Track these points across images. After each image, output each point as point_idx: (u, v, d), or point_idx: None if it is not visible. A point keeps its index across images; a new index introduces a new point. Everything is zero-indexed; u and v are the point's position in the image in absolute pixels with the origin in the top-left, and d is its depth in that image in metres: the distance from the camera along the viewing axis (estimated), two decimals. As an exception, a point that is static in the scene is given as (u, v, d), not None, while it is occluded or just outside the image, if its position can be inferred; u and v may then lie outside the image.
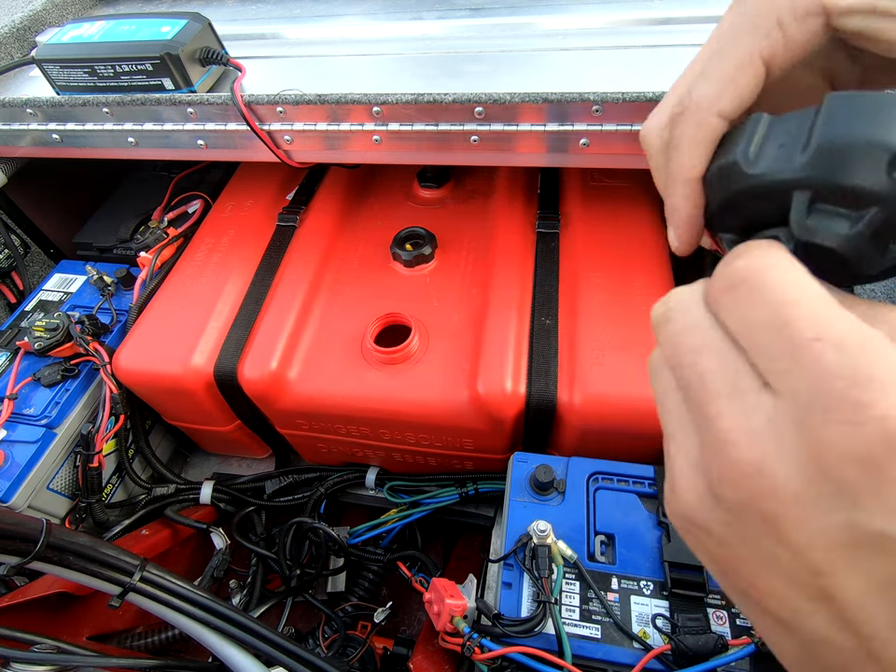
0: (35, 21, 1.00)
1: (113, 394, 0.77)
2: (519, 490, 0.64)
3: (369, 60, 0.83)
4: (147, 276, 0.86)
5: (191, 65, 0.74)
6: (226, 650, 0.51)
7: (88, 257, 0.97)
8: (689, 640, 0.51)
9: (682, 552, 0.57)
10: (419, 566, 0.81)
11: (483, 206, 0.89)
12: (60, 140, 0.80)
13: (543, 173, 0.92)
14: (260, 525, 0.86)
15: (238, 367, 0.73)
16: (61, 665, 0.49)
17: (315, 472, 0.89)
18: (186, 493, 0.86)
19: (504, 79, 0.74)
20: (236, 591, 0.84)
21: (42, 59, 0.76)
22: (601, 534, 0.60)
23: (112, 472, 0.84)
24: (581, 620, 0.54)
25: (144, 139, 0.77)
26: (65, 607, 0.65)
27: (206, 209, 0.97)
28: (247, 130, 0.72)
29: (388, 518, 0.82)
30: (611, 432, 0.67)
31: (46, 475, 0.73)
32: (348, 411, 0.72)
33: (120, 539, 0.78)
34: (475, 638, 0.54)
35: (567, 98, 0.62)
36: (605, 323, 0.70)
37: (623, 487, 0.63)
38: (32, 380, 0.77)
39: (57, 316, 0.78)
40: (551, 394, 0.67)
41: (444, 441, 0.74)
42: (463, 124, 0.67)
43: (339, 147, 0.73)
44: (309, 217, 0.90)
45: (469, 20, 0.86)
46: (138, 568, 0.49)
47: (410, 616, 0.94)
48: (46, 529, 0.45)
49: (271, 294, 0.80)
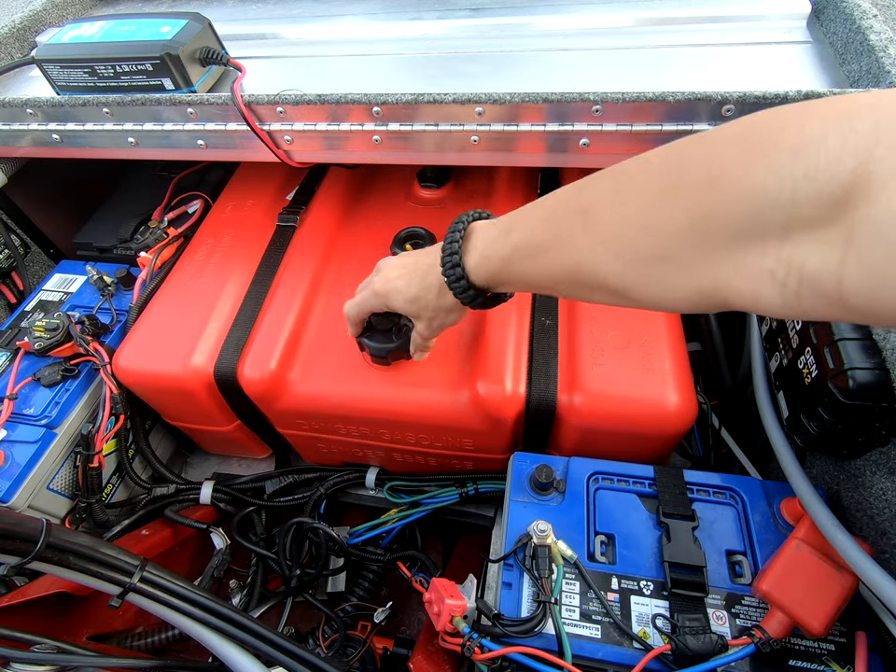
0: (35, 21, 1.00)
1: (113, 394, 0.77)
2: (519, 490, 0.64)
3: (369, 60, 0.83)
4: (146, 276, 0.86)
5: (191, 65, 0.74)
6: (226, 650, 0.51)
7: (88, 257, 0.97)
8: (689, 640, 0.51)
9: (682, 552, 0.57)
10: (419, 566, 0.81)
11: (483, 206, 0.88)
12: (60, 140, 0.80)
13: (543, 173, 0.92)
14: (260, 525, 0.86)
15: (238, 367, 0.73)
16: (61, 664, 0.49)
17: (315, 472, 0.89)
18: (186, 493, 0.86)
19: (504, 79, 0.74)
20: (236, 591, 0.84)
21: (42, 59, 0.76)
22: (601, 534, 0.60)
23: (112, 472, 0.84)
24: (581, 620, 0.54)
25: (144, 139, 0.77)
26: (65, 607, 0.65)
27: (206, 209, 0.97)
28: (247, 130, 0.72)
29: (388, 518, 0.82)
30: (611, 432, 0.67)
31: (46, 475, 0.73)
32: (348, 411, 0.72)
33: (120, 539, 0.78)
34: (475, 638, 0.54)
35: (567, 98, 0.62)
36: (605, 323, 0.70)
37: (623, 487, 0.63)
38: (32, 380, 0.77)
39: (57, 316, 0.78)
40: (551, 394, 0.67)
41: (444, 441, 0.74)
42: (463, 124, 0.67)
43: (339, 146, 0.73)
44: (309, 216, 0.90)
45: (469, 20, 0.86)
46: (138, 568, 0.49)
47: (410, 616, 0.94)
48: (46, 529, 0.45)
49: (271, 294, 0.80)
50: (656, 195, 0.34)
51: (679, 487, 0.62)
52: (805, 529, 0.54)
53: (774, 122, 0.29)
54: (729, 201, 0.29)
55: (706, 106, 0.60)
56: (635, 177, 0.36)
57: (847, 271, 0.25)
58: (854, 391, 0.51)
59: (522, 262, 0.45)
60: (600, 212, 0.37)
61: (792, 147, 0.27)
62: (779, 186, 0.27)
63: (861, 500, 0.58)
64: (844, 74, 0.67)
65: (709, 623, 0.53)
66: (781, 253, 0.28)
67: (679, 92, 0.60)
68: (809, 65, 0.69)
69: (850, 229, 0.25)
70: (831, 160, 0.25)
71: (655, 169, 0.35)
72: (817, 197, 0.26)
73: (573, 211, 0.40)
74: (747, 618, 0.54)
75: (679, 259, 0.33)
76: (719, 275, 0.31)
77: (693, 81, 0.69)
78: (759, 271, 0.29)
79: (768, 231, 0.28)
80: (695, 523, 0.59)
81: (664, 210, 0.33)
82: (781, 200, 0.27)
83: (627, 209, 0.35)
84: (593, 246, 0.38)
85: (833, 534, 0.51)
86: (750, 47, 0.73)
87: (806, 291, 0.28)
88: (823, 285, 0.27)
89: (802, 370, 0.59)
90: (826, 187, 0.25)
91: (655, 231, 0.34)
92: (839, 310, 0.27)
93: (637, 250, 0.35)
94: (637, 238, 0.35)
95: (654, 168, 0.35)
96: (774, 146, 0.28)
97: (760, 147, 0.28)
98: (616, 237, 0.36)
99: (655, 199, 0.34)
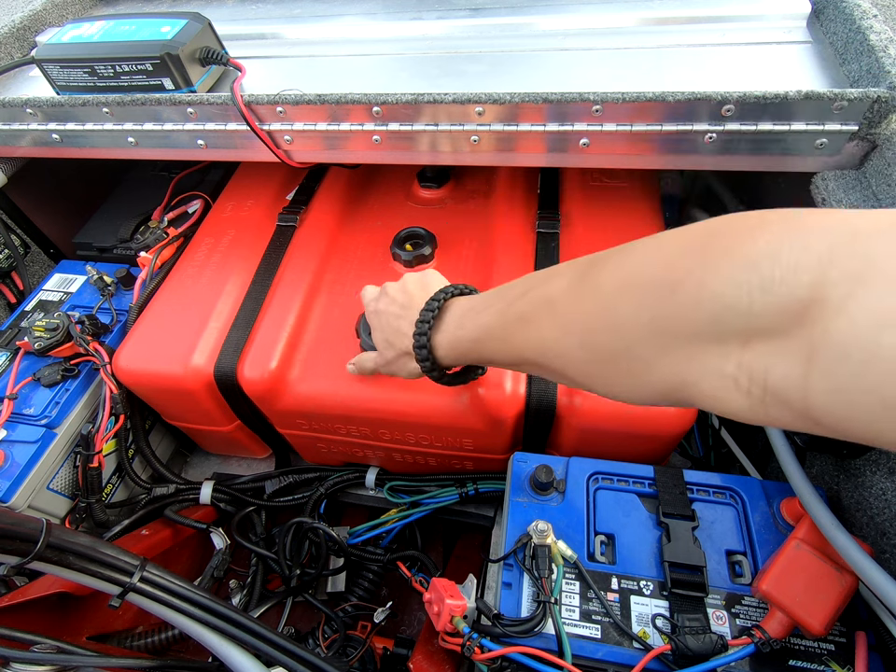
0: (35, 21, 1.00)
1: (113, 394, 0.77)
2: (519, 490, 0.64)
3: (369, 60, 0.83)
4: (147, 276, 0.86)
5: (191, 65, 0.74)
6: (226, 650, 0.51)
7: (88, 257, 0.97)
8: (689, 640, 0.51)
9: (682, 552, 0.57)
10: (419, 566, 0.81)
11: (482, 206, 0.89)
12: (60, 140, 0.80)
13: (543, 173, 0.92)
14: (260, 525, 0.86)
15: (238, 367, 0.73)
16: (61, 664, 0.49)
17: (315, 472, 0.89)
18: (186, 493, 0.86)
19: (504, 79, 0.74)
20: (236, 591, 0.84)
21: (42, 59, 0.76)
22: (601, 534, 0.60)
23: (112, 472, 0.84)
24: (581, 620, 0.54)
25: (144, 139, 0.77)
26: (65, 607, 0.65)
27: (206, 209, 0.97)
28: (247, 130, 0.72)
29: (388, 518, 0.82)
30: (611, 432, 0.67)
31: (46, 475, 0.73)
32: (348, 411, 0.72)
33: (120, 539, 0.78)
34: (475, 638, 0.54)
35: (567, 98, 0.62)
36: (605, 323, 0.70)
37: (623, 487, 0.63)
38: (32, 380, 0.77)
39: (57, 316, 0.78)
40: (551, 394, 0.67)
41: (444, 442, 0.74)
42: (463, 124, 0.67)
43: (339, 146, 0.73)
44: (309, 217, 0.90)
45: (468, 20, 0.86)
46: (138, 568, 0.49)
47: (410, 616, 0.94)
48: (46, 529, 0.45)
49: (271, 294, 0.80)
50: (616, 292, 0.34)
51: (679, 487, 0.62)
52: (805, 529, 0.54)
53: (730, 231, 0.29)
54: (689, 305, 0.29)
55: (706, 106, 0.60)
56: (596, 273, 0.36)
57: (813, 387, 0.25)
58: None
59: (490, 343, 0.46)
60: (565, 304, 0.38)
61: (748, 259, 0.27)
62: (737, 295, 0.27)
63: (860, 500, 0.58)
64: (844, 74, 0.67)
65: (709, 623, 0.53)
66: (743, 360, 0.28)
67: (678, 92, 0.60)
68: (809, 65, 0.69)
69: (811, 343, 0.25)
70: (786, 274, 0.25)
71: (616, 267, 0.35)
72: (774, 309, 0.26)
73: (541, 299, 0.40)
74: (747, 618, 0.54)
75: (640, 358, 0.33)
76: (683, 377, 0.31)
77: (693, 81, 0.69)
78: (722, 376, 0.29)
79: (728, 337, 0.28)
80: (695, 523, 0.59)
81: (624, 307, 0.33)
82: (740, 309, 0.27)
83: (587, 304, 0.36)
84: (557, 337, 0.38)
85: (833, 534, 0.50)
86: (750, 47, 0.73)
87: (772, 400, 0.28)
88: (789, 397, 0.27)
89: (802, 370, 0.59)
90: (782, 300, 0.26)
91: (616, 327, 0.34)
92: (805, 422, 0.27)
93: (600, 346, 0.35)
94: (599, 333, 0.35)
95: (615, 266, 0.35)
96: (730, 255, 0.28)
97: (717, 256, 0.29)
98: (580, 331, 0.36)
99: (616, 296, 0.34)
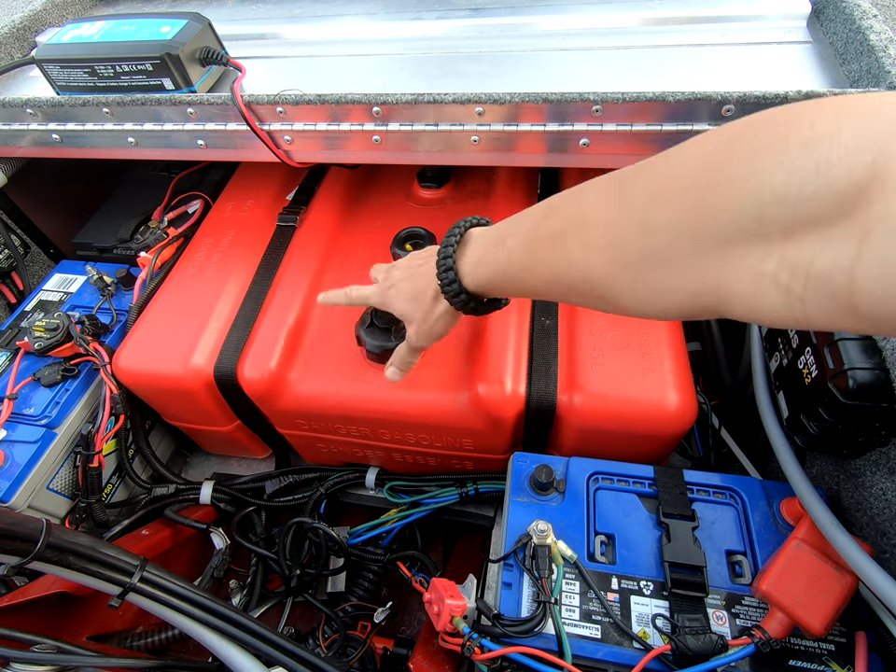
0: (35, 21, 1.00)
1: (113, 394, 0.77)
2: (519, 490, 0.64)
3: (369, 60, 0.83)
4: (147, 276, 0.86)
5: (191, 65, 0.74)
6: (226, 650, 0.51)
7: (88, 257, 0.97)
8: (689, 640, 0.51)
9: (682, 552, 0.57)
10: (419, 566, 0.81)
11: (483, 206, 0.89)
12: (60, 140, 0.80)
13: (543, 173, 0.92)
14: (260, 525, 0.86)
15: (238, 367, 0.73)
16: (61, 664, 0.49)
17: (315, 472, 0.89)
18: (186, 493, 0.86)
19: (504, 79, 0.74)
20: (236, 591, 0.84)
21: (42, 59, 0.76)
22: (601, 534, 0.60)
23: (112, 472, 0.84)
24: (581, 620, 0.54)
25: (144, 139, 0.77)
26: (65, 607, 0.65)
27: (206, 209, 0.97)
28: (247, 130, 0.72)
29: (388, 518, 0.82)
30: (611, 432, 0.67)
31: (46, 475, 0.73)
32: (348, 411, 0.72)
33: (120, 539, 0.78)
34: (475, 638, 0.54)
35: (567, 98, 0.62)
36: (605, 323, 0.70)
37: (623, 487, 0.63)
38: (32, 380, 0.77)
39: (57, 316, 0.78)
40: (551, 394, 0.67)
41: (444, 442, 0.74)
42: (463, 124, 0.67)
43: (339, 147, 0.73)
44: (309, 216, 0.90)
45: (468, 20, 0.86)
46: (138, 568, 0.49)
47: (410, 616, 0.94)
48: (46, 529, 0.45)
49: (271, 294, 0.80)
50: (655, 195, 0.33)
51: (679, 487, 0.62)
52: (805, 529, 0.54)
53: (781, 120, 0.28)
54: (730, 198, 0.29)
55: (706, 106, 0.60)
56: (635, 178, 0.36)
57: (862, 267, 0.25)
58: (854, 391, 0.51)
59: (517, 264, 0.45)
60: (596, 214, 0.37)
61: (802, 143, 0.26)
62: (786, 182, 0.26)
63: (860, 500, 0.58)
64: (844, 74, 0.67)
65: (709, 623, 0.53)
66: (785, 254, 0.27)
67: (679, 92, 0.60)
68: (809, 65, 0.69)
69: (865, 225, 0.24)
70: (844, 155, 0.25)
71: (655, 171, 0.34)
72: (828, 193, 0.25)
73: (572, 215, 0.40)
74: (747, 618, 0.54)
75: (673, 261, 0.32)
76: (717, 280, 0.31)
77: (693, 81, 0.69)
78: (760, 275, 0.28)
79: (771, 231, 0.28)
80: (695, 523, 0.59)
81: (662, 210, 0.32)
82: (789, 196, 0.26)
83: (625, 211, 0.35)
84: (585, 251, 0.38)
85: (832, 534, 0.51)
86: (750, 47, 0.73)
87: (812, 294, 0.27)
88: (834, 284, 0.26)
89: (802, 370, 0.59)
90: (838, 182, 0.25)
91: (651, 231, 0.33)
92: (846, 314, 0.26)
93: (631, 252, 0.35)
94: (633, 239, 0.34)
95: (654, 170, 0.35)
96: (782, 142, 0.27)
97: (766, 144, 0.28)
98: (610, 240, 0.36)
99: (654, 199, 0.33)
